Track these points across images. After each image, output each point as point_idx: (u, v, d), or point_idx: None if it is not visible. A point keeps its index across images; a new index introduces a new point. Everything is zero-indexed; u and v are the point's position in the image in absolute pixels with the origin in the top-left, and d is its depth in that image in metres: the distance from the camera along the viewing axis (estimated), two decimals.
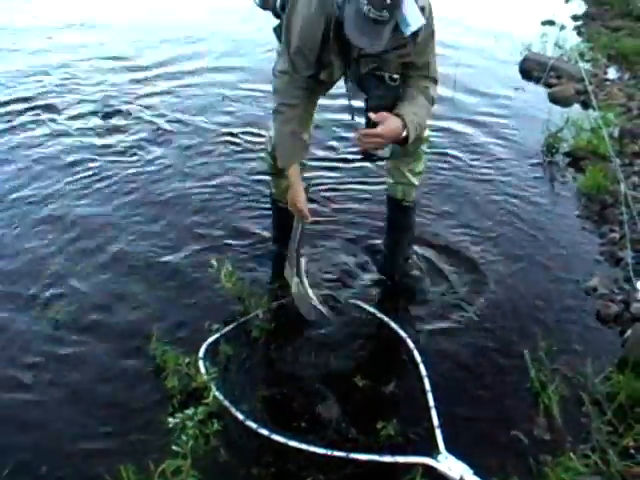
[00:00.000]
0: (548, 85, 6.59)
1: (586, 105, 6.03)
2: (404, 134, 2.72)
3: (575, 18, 9.51)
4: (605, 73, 7.03)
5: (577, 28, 9.03)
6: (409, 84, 2.83)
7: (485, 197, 4.37)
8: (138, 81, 6.27)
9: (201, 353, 2.85)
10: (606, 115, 5.47)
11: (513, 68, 7.09)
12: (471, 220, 4.08)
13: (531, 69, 6.98)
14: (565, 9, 9.92)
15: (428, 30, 2.66)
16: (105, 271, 3.48)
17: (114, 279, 3.42)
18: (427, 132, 3.16)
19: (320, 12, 2.55)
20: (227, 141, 5.02)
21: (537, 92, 6.43)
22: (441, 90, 5.93)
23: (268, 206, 3.67)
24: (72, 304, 3.21)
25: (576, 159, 4.96)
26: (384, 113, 2.67)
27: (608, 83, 6.71)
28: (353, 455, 2.39)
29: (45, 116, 5.36)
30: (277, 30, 2.90)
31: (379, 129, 2.66)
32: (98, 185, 4.33)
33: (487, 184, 4.56)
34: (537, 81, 6.68)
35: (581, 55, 7.39)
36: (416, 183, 3.32)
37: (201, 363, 2.78)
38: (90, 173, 4.47)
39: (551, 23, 8.99)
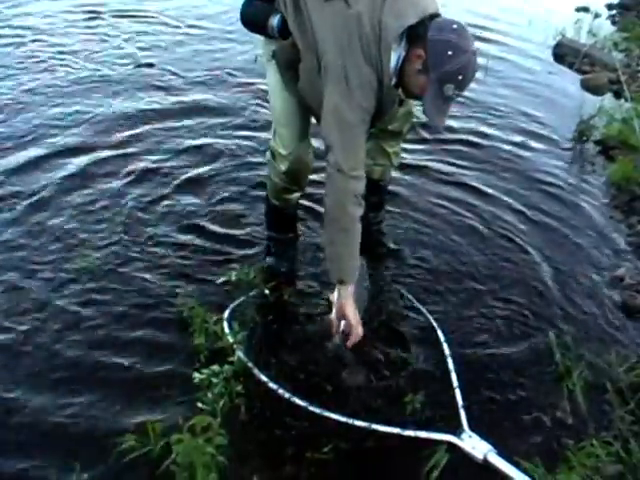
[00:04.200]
0: (581, 72, 6.51)
1: (618, 95, 5.96)
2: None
3: (610, 7, 9.32)
4: (638, 64, 6.91)
5: (611, 17, 8.87)
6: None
7: (514, 181, 4.32)
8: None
9: (226, 314, 2.84)
10: (638, 106, 5.38)
11: (546, 52, 7.00)
12: (498, 203, 4.03)
13: (564, 54, 6.88)
14: None
15: None
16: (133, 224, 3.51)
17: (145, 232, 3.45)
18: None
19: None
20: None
21: (570, 78, 6.35)
22: None
23: None
24: (95, 254, 3.24)
25: (607, 148, 4.91)
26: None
27: None
28: (375, 426, 2.37)
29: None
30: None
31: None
32: None
33: (516, 167, 4.51)
34: (570, 67, 6.60)
35: (615, 44, 7.29)
36: (396, 164, 3.33)
37: (226, 324, 2.77)
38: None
39: (585, 10, 8.83)
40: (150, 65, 5.50)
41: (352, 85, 2.38)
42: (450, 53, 2.26)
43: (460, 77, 2.30)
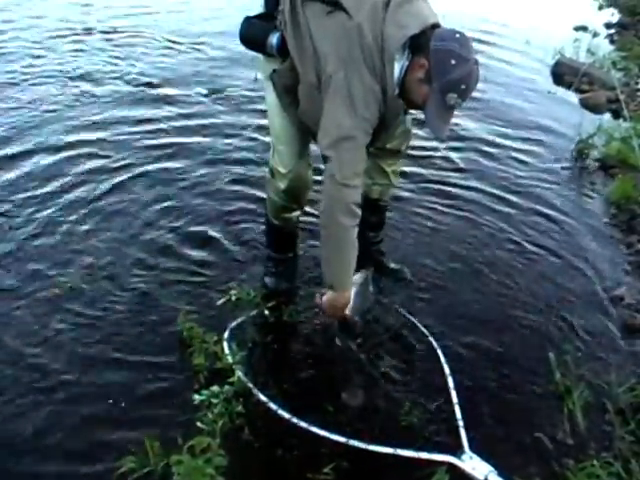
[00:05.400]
0: (580, 91, 6.55)
1: (617, 114, 6.00)
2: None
3: (608, 26, 9.41)
4: (637, 83, 6.95)
5: (610, 36, 8.94)
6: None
7: (512, 200, 4.33)
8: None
9: (226, 334, 2.83)
10: (637, 126, 5.41)
11: (545, 71, 7.05)
12: (496, 223, 4.04)
13: (563, 74, 6.93)
14: (598, 16, 9.82)
15: None
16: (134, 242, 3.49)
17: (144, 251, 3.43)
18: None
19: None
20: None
21: (568, 97, 6.40)
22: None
23: None
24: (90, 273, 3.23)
25: (606, 167, 4.94)
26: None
27: None
28: (375, 447, 2.36)
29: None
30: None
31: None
32: None
33: (515, 186, 4.52)
34: (569, 86, 6.63)
35: (614, 63, 7.33)
36: (395, 184, 3.31)
37: (226, 345, 2.76)
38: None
39: (584, 29, 8.91)
40: (150, 85, 5.51)
41: (355, 96, 2.38)
42: (453, 62, 2.27)
43: (463, 86, 2.31)
